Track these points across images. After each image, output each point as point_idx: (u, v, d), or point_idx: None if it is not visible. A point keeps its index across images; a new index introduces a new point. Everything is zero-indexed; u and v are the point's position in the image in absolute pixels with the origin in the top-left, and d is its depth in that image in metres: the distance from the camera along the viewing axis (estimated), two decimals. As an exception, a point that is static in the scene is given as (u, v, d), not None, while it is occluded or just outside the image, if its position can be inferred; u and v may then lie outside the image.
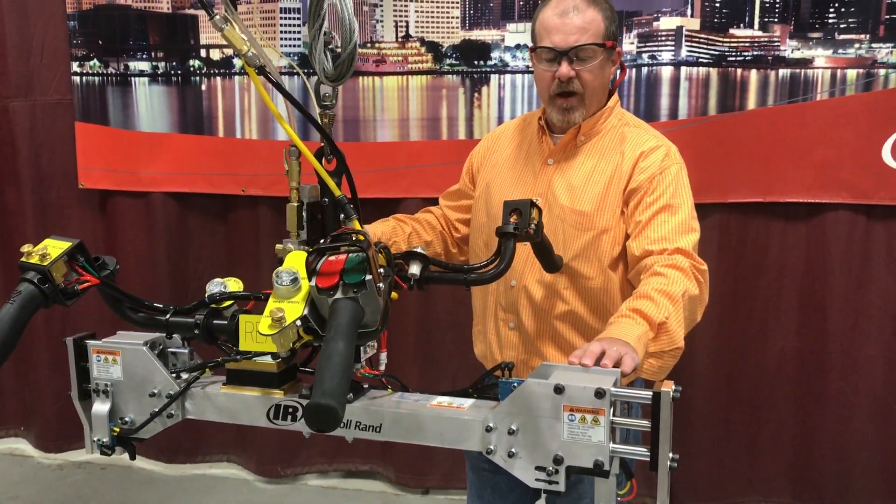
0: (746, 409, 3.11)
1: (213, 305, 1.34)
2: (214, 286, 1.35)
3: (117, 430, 1.41)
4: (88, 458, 3.74)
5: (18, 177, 3.57)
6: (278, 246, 1.35)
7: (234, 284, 1.36)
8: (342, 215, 1.35)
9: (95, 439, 1.42)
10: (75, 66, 3.40)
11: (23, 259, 1.28)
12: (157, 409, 1.38)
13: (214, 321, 1.34)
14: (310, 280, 1.14)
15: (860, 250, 2.90)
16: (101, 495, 3.45)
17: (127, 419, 1.40)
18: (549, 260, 1.58)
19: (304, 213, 1.36)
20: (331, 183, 1.32)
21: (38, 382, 3.73)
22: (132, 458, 1.48)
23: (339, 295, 1.13)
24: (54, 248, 1.30)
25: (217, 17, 1.16)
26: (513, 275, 1.84)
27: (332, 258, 1.14)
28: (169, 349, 1.45)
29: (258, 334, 1.20)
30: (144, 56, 3.34)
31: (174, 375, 1.40)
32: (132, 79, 3.37)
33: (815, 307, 2.97)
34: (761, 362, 3.06)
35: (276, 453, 3.51)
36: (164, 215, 3.43)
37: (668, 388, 1.12)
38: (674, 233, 1.70)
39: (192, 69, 3.30)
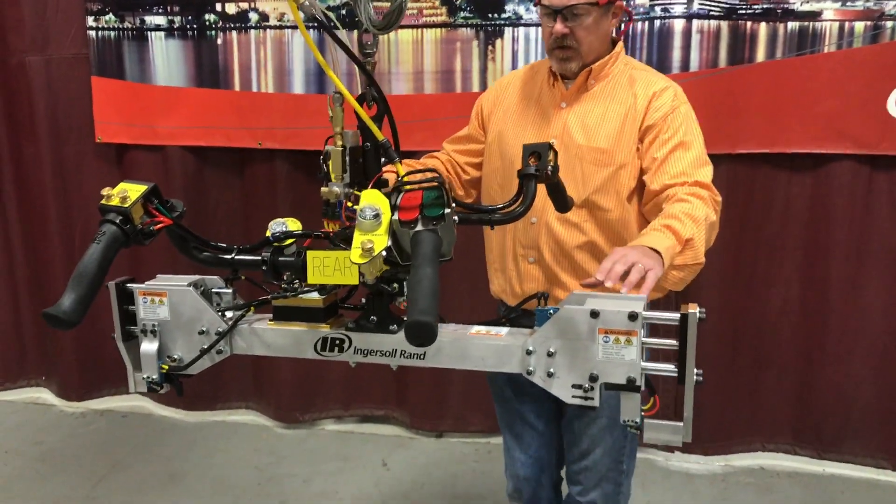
0: (750, 355, 3.21)
1: (276, 244, 1.42)
2: (277, 226, 1.43)
3: (166, 367, 1.48)
4: (110, 405, 3.85)
5: (35, 131, 3.62)
6: (324, 189, 1.43)
7: (294, 224, 1.44)
8: (383, 158, 1.44)
9: (145, 377, 1.48)
10: (91, 21, 3.43)
11: (103, 202, 1.35)
12: (206, 346, 1.45)
13: (280, 258, 1.42)
14: (392, 214, 1.24)
15: (863, 200, 2.98)
16: (123, 441, 3.56)
17: (175, 356, 1.47)
18: (562, 200, 1.66)
19: (347, 158, 1.43)
20: (374, 127, 1.40)
21: (58, 332, 3.80)
22: (179, 393, 1.55)
23: (419, 227, 1.23)
24: (133, 190, 1.37)
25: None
26: (533, 212, 1.92)
27: (409, 193, 1.25)
28: (212, 289, 1.52)
29: (326, 268, 1.30)
30: (160, 10, 3.37)
31: (220, 314, 1.47)
32: (148, 33, 3.40)
33: (818, 255, 3.05)
34: (765, 309, 3.16)
35: (293, 400, 3.62)
36: (181, 169, 3.49)
37: (695, 309, 1.23)
38: (691, 167, 1.84)
39: (207, 23, 3.33)
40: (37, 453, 3.48)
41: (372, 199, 1.27)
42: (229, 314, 1.49)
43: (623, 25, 2.05)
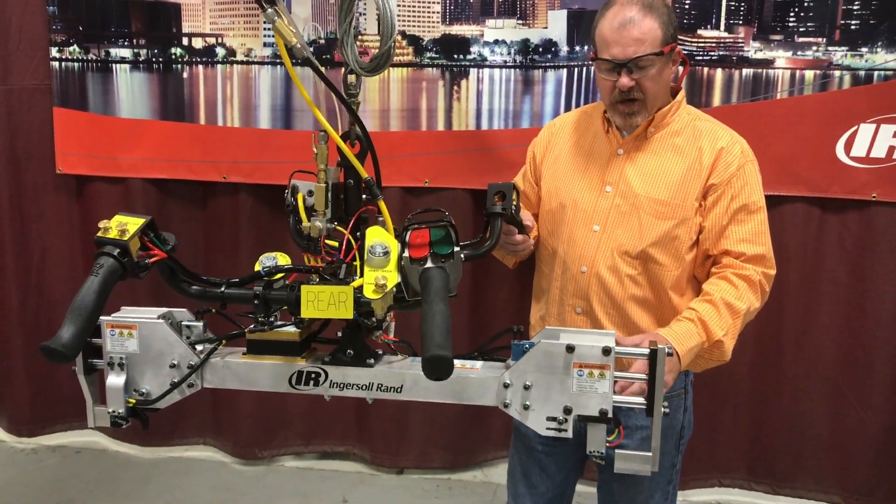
0: (706, 392, 3.26)
1: (267, 278, 1.42)
2: (268, 260, 1.44)
3: (132, 401, 1.45)
4: (63, 441, 3.76)
5: (-6, 161, 3.56)
6: (305, 224, 1.44)
7: (284, 259, 1.45)
8: (364, 195, 1.47)
9: (110, 411, 1.45)
10: (54, 52, 3.41)
11: (100, 234, 1.34)
12: (177, 380, 1.44)
13: (271, 292, 1.42)
14: (403, 251, 1.28)
15: (814, 240, 3.08)
16: (77, 478, 3.48)
17: (143, 391, 1.45)
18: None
19: (330, 194, 1.45)
20: (358, 165, 1.42)
21: (8, 367, 3.72)
22: (145, 427, 1.52)
23: (429, 264, 1.27)
24: (132, 223, 1.36)
25: (269, 10, 1.25)
26: (583, 261, 1.91)
27: (416, 232, 1.29)
28: (183, 322, 1.51)
29: (320, 302, 1.31)
30: (126, 43, 3.37)
31: (190, 347, 1.46)
32: (113, 65, 3.39)
33: (772, 293, 3.10)
34: (721, 346, 3.22)
35: (252, 436, 3.58)
36: (143, 201, 3.44)
37: (663, 345, 1.28)
38: (752, 235, 1.85)
39: (173, 57, 3.33)
40: (-15, 491, 3.39)
41: (380, 237, 1.30)
42: (199, 347, 1.48)
43: (681, 71, 1.99)
